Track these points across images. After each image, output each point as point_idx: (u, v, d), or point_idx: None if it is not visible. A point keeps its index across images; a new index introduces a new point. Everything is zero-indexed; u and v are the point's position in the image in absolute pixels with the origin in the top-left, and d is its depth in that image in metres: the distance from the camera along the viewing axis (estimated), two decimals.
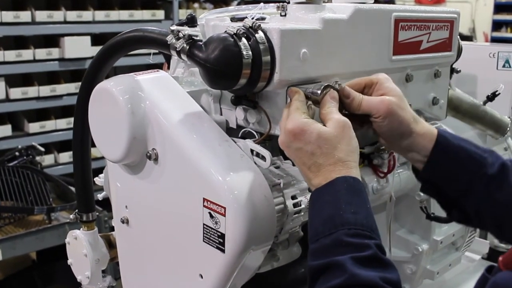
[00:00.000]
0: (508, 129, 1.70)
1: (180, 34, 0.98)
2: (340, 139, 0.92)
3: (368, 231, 0.86)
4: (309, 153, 0.92)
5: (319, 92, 0.98)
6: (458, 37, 1.37)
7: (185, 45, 0.97)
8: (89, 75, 1.24)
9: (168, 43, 1.00)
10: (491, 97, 1.64)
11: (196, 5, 4.80)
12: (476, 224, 1.12)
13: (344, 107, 1.01)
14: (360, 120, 1.03)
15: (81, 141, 1.31)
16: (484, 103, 1.64)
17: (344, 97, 1.01)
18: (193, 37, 0.98)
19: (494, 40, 10.28)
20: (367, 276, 0.81)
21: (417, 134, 1.03)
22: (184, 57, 0.99)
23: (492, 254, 1.96)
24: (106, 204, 1.64)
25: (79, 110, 1.27)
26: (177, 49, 0.98)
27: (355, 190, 0.90)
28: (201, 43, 0.97)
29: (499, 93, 1.64)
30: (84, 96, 1.22)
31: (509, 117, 1.72)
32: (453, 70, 1.50)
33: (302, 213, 1.04)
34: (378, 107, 1.00)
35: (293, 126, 0.93)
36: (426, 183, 1.08)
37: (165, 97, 1.07)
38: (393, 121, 1.01)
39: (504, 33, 10.41)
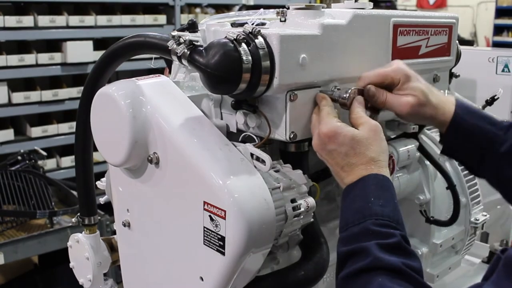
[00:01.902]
0: None
1: (181, 40, 1.00)
2: (372, 140, 0.99)
3: (394, 223, 0.93)
4: (343, 154, 0.98)
5: (346, 96, 1.05)
6: (457, 42, 1.39)
7: (186, 50, 0.98)
8: (91, 80, 1.25)
9: (169, 48, 1.01)
10: (490, 102, 1.65)
11: (197, 10, 4.82)
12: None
13: (367, 102, 1.08)
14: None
15: (83, 145, 1.32)
16: (483, 107, 1.65)
17: (369, 97, 1.08)
18: (193, 42, 0.99)
19: (496, 44, 10.28)
20: (390, 260, 0.87)
21: (436, 117, 1.11)
22: (185, 62, 1.00)
23: (492, 258, 1.96)
24: (107, 208, 1.66)
25: (81, 115, 1.28)
26: (178, 54, 0.99)
27: (383, 186, 0.97)
28: (201, 48, 0.98)
29: (498, 98, 1.65)
30: (86, 100, 1.23)
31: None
32: (452, 75, 1.52)
33: (302, 216, 1.04)
34: (401, 108, 1.08)
35: (327, 130, 0.99)
36: (444, 152, 1.17)
37: (166, 102, 1.08)
38: (416, 116, 1.10)
39: (505, 38, 10.42)
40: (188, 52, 0.98)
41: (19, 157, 3.26)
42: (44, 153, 3.48)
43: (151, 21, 4.40)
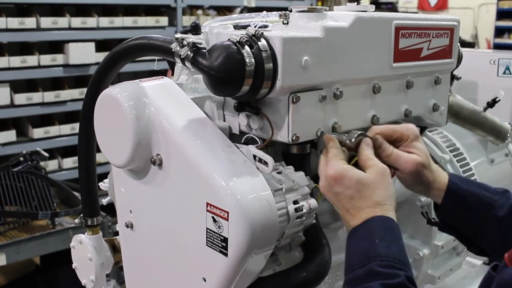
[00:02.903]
0: (508, 135, 1.71)
1: (184, 42, 1.00)
2: (378, 184, 0.99)
3: (399, 264, 0.92)
4: (348, 197, 0.99)
5: (353, 140, 1.05)
6: (458, 44, 1.39)
7: (189, 52, 0.99)
8: (94, 82, 1.26)
9: (173, 50, 1.02)
10: (492, 104, 1.66)
11: (199, 12, 4.82)
12: (493, 257, 1.17)
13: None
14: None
15: (86, 146, 1.33)
16: (485, 109, 1.65)
17: (376, 147, 1.07)
18: (197, 44, 1.00)
19: (497, 46, 10.28)
20: None
21: (432, 184, 1.11)
22: (188, 64, 1.01)
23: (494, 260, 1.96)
24: (109, 209, 1.66)
25: (84, 116, 1.29)
26: (181, 57, 1.00)
27: (388, 227, 0.97)
28: (205, 50, 0.99)
29: (499, 100, 1.65)
30: (89, 102, 1.23)
31: (509, 123, 1.74)
32: (453, 77, 1.52)
33: (304, 218, 1.05)
34: (405, 165, 1.08)
35: (333, 172, 0.99)
36: (442, 224, 1.16)
37: (169, 104, 1.09)
38: (416, 178, 1.09)
39: (506, 40, 10.42)
40: (192, 54, 0.99)
41: (21, 158, 3.27)
42: (46, 154, 3.49)
43: (153, 23, 4.41)
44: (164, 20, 4.49)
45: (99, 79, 1.25)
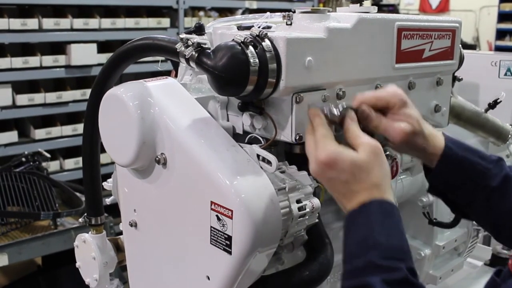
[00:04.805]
0: (509, 136, 1.72)
1: (189, 42, 1.01)
2: (373, 164, 0.93)
3: (400, 254, 0.88)
4: (343, 182, 0.93)
5: (336, 113, 1.00)
6: (460, 45, 1.40)
7: (194, 52, 1.00)
8: (99, 81, 1.27)
9: (178, 50, 1.03)
10: (493, 105, 1.66)
11: (201, 13, 4.84)
12: (478, 223, 1.16)
13: (360, 125, 1.02)
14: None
15: (90, 145, 1.34)
16: (486, 110, 1.66)
17: (362, 118, 1.01)
18: (201, 45, 1.01)
19: (498, 49, 10.27)
20: None
21: (427, 149, 1.06)
22: (192, 64, 1.02)
23: (495, 261, 1.97)
24: (112, 209, 1.67)
25: (89, 116, 1.30)
26: (186, 57, 1.01)
27: (388, 213, 0.92)
28: (209, 51, 1.00)
29: (501, 101, 1.66)
30: (94, 102, 1.24)
31: (510, 125, 1.74)
32: (455, 78, 1.53)
33: (307, 217, 1.06)
34: (394, 134, 1.01)
35: (325, 156, 0.93)
36: (433, 189, 1.12)
37: (173, 103, 1.10)
38: (407, 145, 1.04)
39: (508, 42, 10.41)
40: (196, 55, 1.00)
41: (23, 159, 3.27)
42: (48, 155, 3.49)
43: (154, 24, 4.42)
44: (166, 22, 4.50)
45: (104, 79, 1.26)
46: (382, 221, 0.90)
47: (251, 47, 0.98)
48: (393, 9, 11.52)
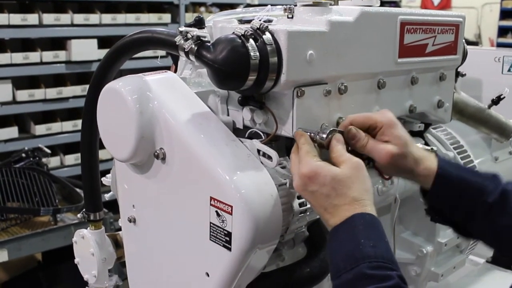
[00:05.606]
0: None
1: (189, 35, 1.00)
2: (354, 179, 0.94)
3: (389, 263, 0.88)
4: (325, 195, 0.94)
5: (324, 136, 1.00)
6: (464, 41, 1.38)
7: (193, 46, 0.99)
8: (98, 75, 1.25)
9: (177, 43, 1.01)
10: (496, 101, 1.65)
11: (202, 8, 4.83)
12: (482, 241, 1.15)
13: (349, 145, 1.03)
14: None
15: (89, 140, 1.33)
16: (489, 106, 1.65)
17: (349, 138, 1.02)
18: (201, 38, 0.99)
19: (500, 46, 10.25)
20: None
21: (418, 174, 1.06)
22: (192, 57, 1.00)
23: (497, 258, 1.96)
24: (111, 205, 1.66)
25: (87, 110, 1.28)
26: (186, 50, 0.99)
27: (371, 225, 0.92)
28: (209, 44, 0.98)
29: (504, 97, 1.64)
30: (92, 96, 1.23)
31: None
32: (458, 74, 1.51)
33: (308, 213, 1.05)
34: (380, 155, 1.02)
35: (307, 170, 0.94)
36: (431, 210, 1.12)
37: (173, 98, 1.08)
38: (394, 168, 1.04)
39: (509, 39, 10.38)
40: (196, 48, 0.98)
41: (23, 155, 3.27)
42: (48, 151, 3.49)
43: (155, 19, 4.41)
44: (166, 17, 4.49)
45: (102, 73, 1.25)
46: (367, 233, 0.90)
47: (251, 40, 0.97)
48: (395, 5, 11.50)
